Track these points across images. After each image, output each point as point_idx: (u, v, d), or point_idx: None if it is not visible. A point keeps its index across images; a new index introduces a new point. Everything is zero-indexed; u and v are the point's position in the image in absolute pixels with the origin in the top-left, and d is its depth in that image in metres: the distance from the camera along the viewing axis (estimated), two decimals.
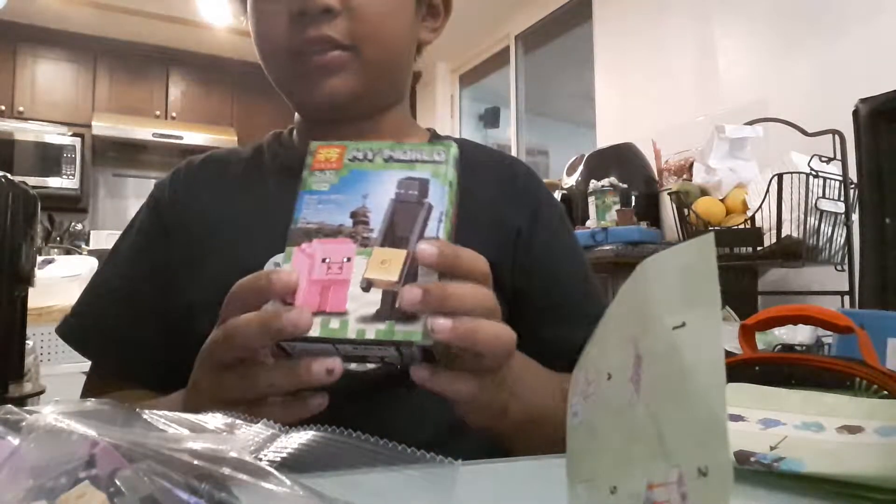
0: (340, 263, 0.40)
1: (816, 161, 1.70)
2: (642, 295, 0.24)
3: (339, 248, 0.41)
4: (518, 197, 0.68)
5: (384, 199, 0.42)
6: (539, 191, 0.71)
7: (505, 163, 0.73)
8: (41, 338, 1.81)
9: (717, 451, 0.18)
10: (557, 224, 0.70)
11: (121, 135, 4.16)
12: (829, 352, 0.99)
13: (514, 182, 0.69)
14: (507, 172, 0.70)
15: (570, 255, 0.70)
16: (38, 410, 0.26)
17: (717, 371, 0.19)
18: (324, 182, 0.43)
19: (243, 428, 0.28)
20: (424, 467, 0.31)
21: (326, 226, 0.41)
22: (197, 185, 0.69)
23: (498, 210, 0.66)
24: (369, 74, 0.62)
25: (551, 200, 0.72)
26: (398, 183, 0.42)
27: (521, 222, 0.66)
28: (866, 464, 0.35)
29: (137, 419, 0.25)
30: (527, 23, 3.85)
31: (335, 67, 0.60)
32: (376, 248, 0.40)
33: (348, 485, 0.33)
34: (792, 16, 2.23)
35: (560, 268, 0.67)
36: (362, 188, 0.42)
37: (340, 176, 0.43)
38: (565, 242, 0.70)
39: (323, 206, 0.42)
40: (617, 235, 2.01)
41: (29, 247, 0.92)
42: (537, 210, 0.68)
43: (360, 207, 0.42)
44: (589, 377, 0.29)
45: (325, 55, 0.59)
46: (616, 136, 2.64)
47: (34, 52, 4.12)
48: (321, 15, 0.58)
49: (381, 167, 0.43)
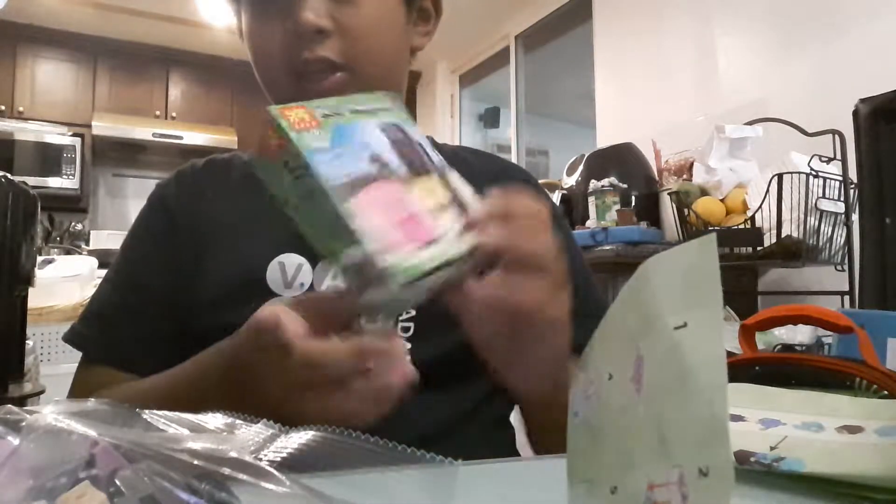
0: (398, 201, 0.41)
1: (816, 161, 1.70)
2: (644, 295, 0.24)
3: (388, 190, 0.42)
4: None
5: (382, 143, 0.44)
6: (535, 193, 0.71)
7: (500, 167, 0.74)
8: (41, 338, 1.81)
9: (718, 452, 0.18)
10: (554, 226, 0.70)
11: (121, 135, 4.16)
12: (829, 352, 0.99)
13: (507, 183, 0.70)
14: (502, 175, 0.71)
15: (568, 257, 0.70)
16: (38, 410, 0.26)
17: (718, 371, 0.19)
18: (319, 140, 0.42)
19: (243, 428, 0.28)
20: (424, 467, 0.31)
21: (357, 177, 0.41)
22: (202, 186, 0.70)
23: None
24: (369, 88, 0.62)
25: (547, 200, 0.72)
26: (381, 130, 0.45)
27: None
28: (866, 464, 0.35)
29: (137, 419, 0.25)
30: (527, 23, 3.85)
31: (335, 87, 0.60)
32: (414, 180, 0.43)
33: (348, 485, 0.33)
34: (792, 16, 2.23)
35: None
36: (358, 138, 0.43)
37: (329, 132, 0.42)
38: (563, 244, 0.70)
39: (338, 161, 0.41)
40: (617, 235, 2.01)
41: (29, 247, 0.92)
42: None
43: (374, 153, 0.43)
44: (590, 377, 0.29)
45: (324, 81, 0.60)
46: (616, 136, 2.64)
47: (34, 52, 4.12)
48: (315, 36, 0.58)
49: (355, 119, 0.44)
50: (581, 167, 2.42)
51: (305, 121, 0.42)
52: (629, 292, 0.26)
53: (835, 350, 0.74)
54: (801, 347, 1.41)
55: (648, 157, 2.39)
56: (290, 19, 0.58)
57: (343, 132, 0.43)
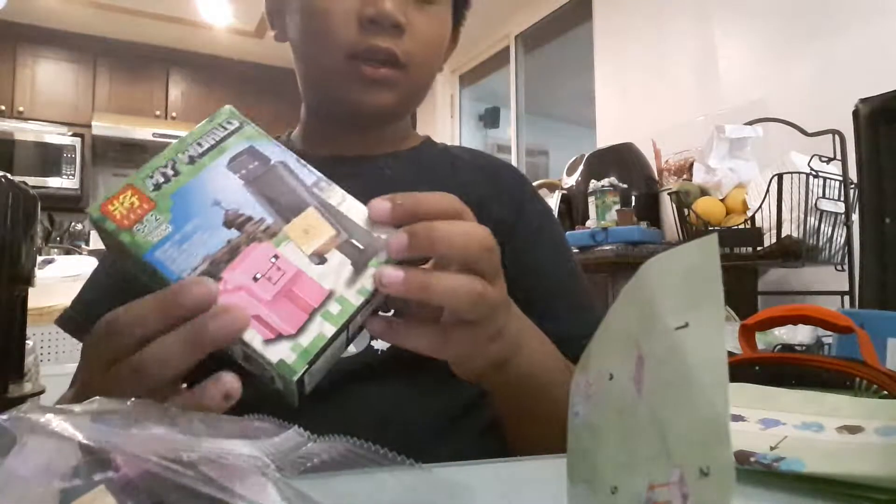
0: (272, 266, 0.35)
1: (816, 161, 1.70)
2: (645, 295, 0.24)
3: (256, 257, 0.35)
4: (503, 193, 0.69)
5: (236, 191, 0.37)
6: (524, 187, 0.72)
7: (492, 164, 0.74)
8: (41, 338, 1.81)
9: (720, 452, 0.18)
10: (543, 220, 0.71)
11: (121, 135, 4.16)
12: (829, 352, 0.99)
13: (498, 181, 0.70)
14: (493, 172, 0.72)
15: (555, 250, 0.70)
16: (39, 411, 0.26)
17: (719, 371, 0.19)
18: (157, 228, 0.35)
19: (254, 430, 0.28)
20: (424, 468, 0.31)
21: (215, 254, 0.35)
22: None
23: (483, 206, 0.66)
24: (410, 92, 0.65)
25: (537, 197, 0.73)
26: (229, 169, 0.38)
27: (506, 216, 0.66)
28: (866, 464, 0.35)
29: (145, 420, 0.25)
30: (527, 23, 3.85)
31: (386, 82, 0.61)
32: (285, 227, 0.36)
33: (347, 486, 0.33)
34: (792, 16, 2.23)
35: (545, 262, 0.68)
36: (205, 198, 0.36)
37: (168, 210, 0.36)
38: (551, 238, 0.70)
39: (188, 245, 0.35)
40: (617, 235, 2.01)
41: (29, 247, 0.92)
42: (521, 205, 0.69)
43: (230, 211, 0.36)
44: (591, 377, 0.29)
45: (380, 69, 0.60)
46: (616, 136, 2.64)
47: (34, 52, 4.13)
48: (391, 28, 0.59)
49: (197, 171, 0.37)
50: (581, 167, 2.42)
51: (135, 208, 0.36)
52: (630, 292, 0.26)
53: (835, 350, 0.74)
54: (801, 347, 1.41)
55: (648, 157, 2.39)
56: (371, 5, 0.58)
57: (185, 199, 0.36)
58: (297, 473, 0.25)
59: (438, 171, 0.70)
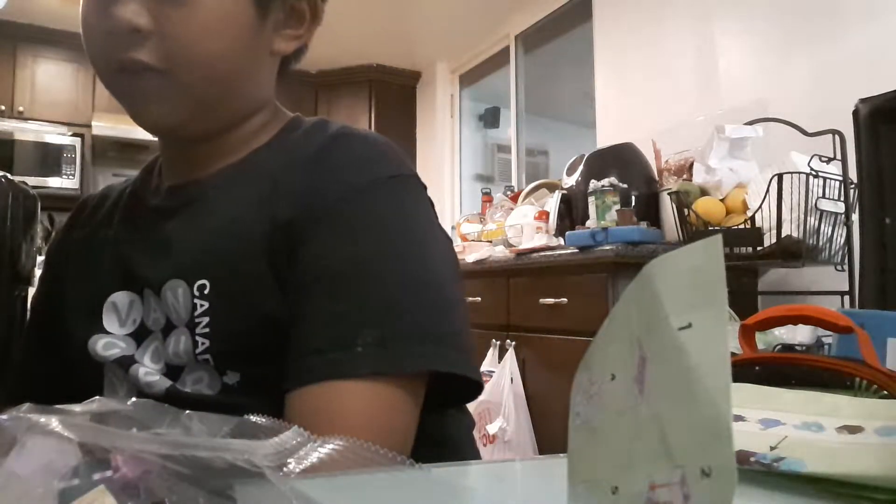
0: None
1: (816, 161, 1.70)
2: (648, 296, 0.24)
3: None
4: (317, 191, 0.58)
5: None
6: (351, 181, 0.58)
7: (327, 158, 0.61)
8: None
9: (721, 452, 0.18)
10: (356, 214, 0.57)
11: (121, 135, 4.15)
12: (829, 352, 0.99)
13: (321, 175, 0.59)
14: (320, 168, 0.60)
15: (349, 241, 0.56)
16: (39, 411, 0.26)
17: (722, 372, 0.19)
18: None
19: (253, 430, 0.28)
20: (424, 468, 0.31)
21: None
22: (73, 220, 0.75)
23: (276, 213, 0.58)
24: (190, 100, 0.58)
25: (371, 192, 0.58)
26: None
27: (297, 216, 0.57)
28: (866, 464, 0.35)
29: (145, 420, 0.25)
30: (527, 23, 3.85)
31: (151, 93, 0.57)
32: None
33: (347, 486, 0.33)
34: (792, 16, 2.23)
35: (325, 253, 0.56)
36: None
37: None
38: (350, 231, 0.57)
39: None
40: (617, 235, 2.01)
41: (29, 247, 0.92)
42: (334, 203, 0.57)
43: None
44: (592, 377, 0.29)
45: (137, 79, 0.56)
46: (616, 136, 2.64)
47: (34, 52, 4.12)
48: (129, 35, 0.54)
49: None
50: (581, 167, 2.42)
51: None
52: (633, 293, 0.26)
53: (835, 350, 0.74)
54: (801, 347, 1.41)
55: (648, 157, 2.39)
56: (108, 15, 0.54)
57: None
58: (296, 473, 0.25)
59: (253, 186, 0.60)
